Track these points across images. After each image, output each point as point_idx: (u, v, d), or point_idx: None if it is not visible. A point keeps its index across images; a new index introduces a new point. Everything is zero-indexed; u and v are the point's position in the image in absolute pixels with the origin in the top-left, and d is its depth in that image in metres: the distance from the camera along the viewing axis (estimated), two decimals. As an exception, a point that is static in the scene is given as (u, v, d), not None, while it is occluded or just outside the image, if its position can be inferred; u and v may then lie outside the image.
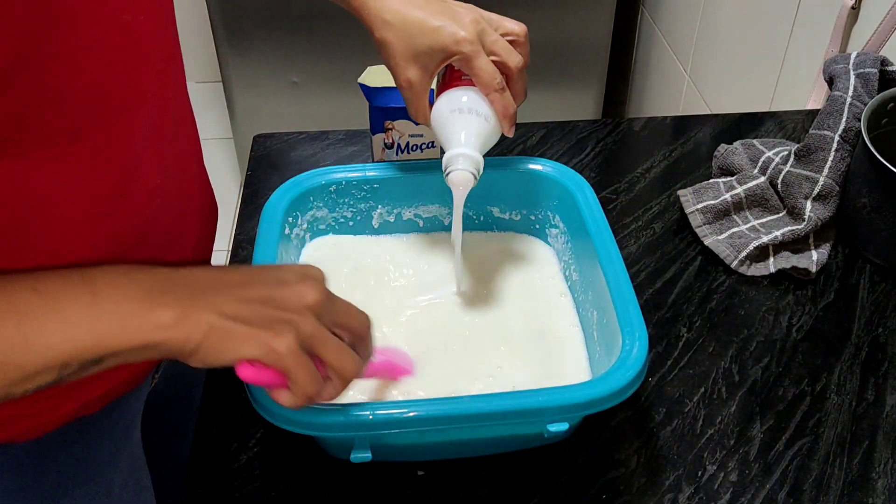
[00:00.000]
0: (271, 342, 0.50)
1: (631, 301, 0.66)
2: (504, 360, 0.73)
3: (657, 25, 1.93)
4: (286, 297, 0.52)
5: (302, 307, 0.52)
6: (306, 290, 0.52)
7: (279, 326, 0.50)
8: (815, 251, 0.86)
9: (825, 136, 0.87)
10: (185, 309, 0.49)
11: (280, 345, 0.50)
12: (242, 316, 0.50)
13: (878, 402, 0.74)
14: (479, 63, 0.68)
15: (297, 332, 0.50)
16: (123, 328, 0.47)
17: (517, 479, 0.68)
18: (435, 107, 0.72)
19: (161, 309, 0.48)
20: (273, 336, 0.50)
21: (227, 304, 0.50)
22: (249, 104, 1.96)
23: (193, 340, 0.49)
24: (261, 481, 0.67)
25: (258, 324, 0.50)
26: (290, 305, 0.51)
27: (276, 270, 0.55)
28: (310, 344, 0.51)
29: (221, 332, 0.49)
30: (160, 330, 0.48)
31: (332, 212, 0.81)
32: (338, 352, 0.53)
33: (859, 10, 1.10)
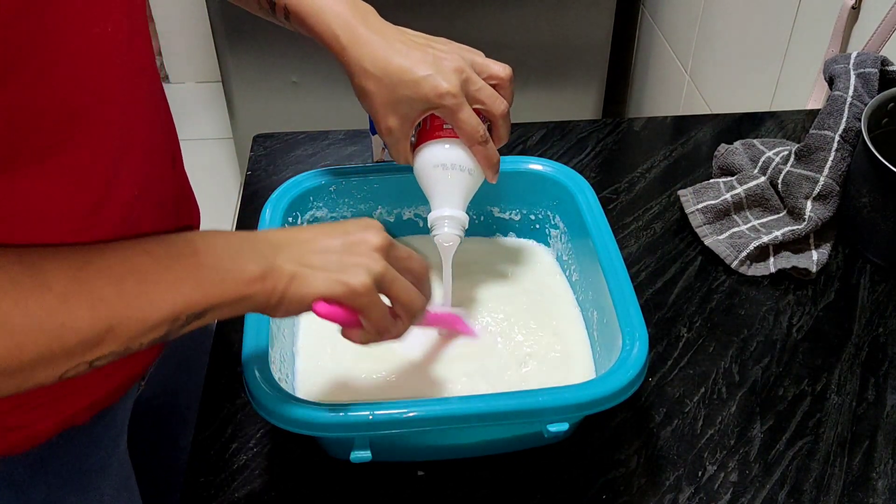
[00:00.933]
0: (349, 281, 0.54)
1: (631, 301, 0.66)
2: (504, 360, 0.72)
3: (657, 25, 1.93)
4: (355, 244, 0.56)
5: (370, 250, 0.56)
6: (371, 236, 0.57)
7: (353, 269, 0.55)
8: (815, 251, 0.86)
9: (825, 136, 0.87)
10: (269, 263, 0.54)
11: (356, 283, 0.54)
12: (319, 263, 0.55)
13: (879, 402, 0.74)
14: (462, 116, 0.66)
15: (370, 272, 0.55)
16: (222, 283, 0.52)
17: (517, 479, 0.68)
18: (418, 158, 0.71)
19: (250, 264, 0.53)
20: (350, 276, 0.54)
21: (304, 256, 0.55)
22: (249, 104, 1.96)
23: (278, 291, 0.53)
24: (261, 481, 0.67)
25: (334, 268, 0.55)
26: (360, 250, 0.56)
27: (339, 224, 0.59)
28: (381, 282, 0.56)
29: (302, 280, 0.54)
30: (251, 283, 0.52)
31: (332, 212, 0.81)
32: (406, 289, 0.58)
33: (859, 10, 1.10)
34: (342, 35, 0.67)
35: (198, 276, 0.51)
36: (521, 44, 1.84)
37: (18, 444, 0.63)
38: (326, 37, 0.67)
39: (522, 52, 1.84)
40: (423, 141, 0.70)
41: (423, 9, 1.74)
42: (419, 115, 0.68)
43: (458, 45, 0.69)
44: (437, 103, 0.66)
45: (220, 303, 0.52)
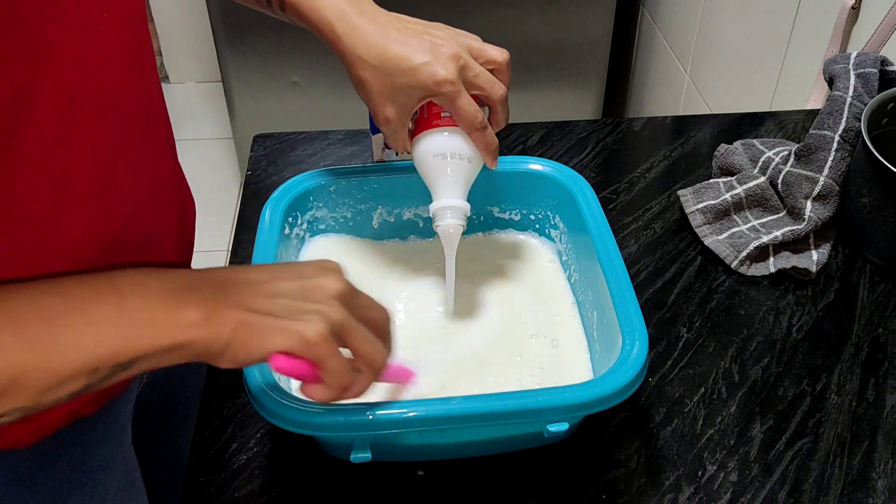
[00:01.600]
0: (303, 331, 0.49)
1: (631, 301, 0.66)
2: (504, 360, 0.73)
3: (657, 25, 1.93)
4: (311, 289, 0.52)
5: (328, 297, 0.52)
6: (330, 281, 0.52)
7: (308, 316, 0.50)
8: (815, 251, 0.86)
9: (825, 136, 0.87)
10: (211, 307, 0.49)
11: (311, 333, 0.49)
12: (270, 310, 0.50)
13: (879, 402, 0.74)
14: (461, 103, 0.65)
15: (326, 320, 0.50)
16: (152, 329, 0.47)
17: (517, 479, 0.68)
18: (417, 148, 0.70)
19: (187, 308, 0.48)
20: (304, 325, 0.50)
21: (253, 300, 0.50)
22: (249, 104, 1.96)
23: (222, 338, 0.48)
24: (261, 481, 0.67)
25: (286, 315, 0.50)
26: (317, 296, 0.51)
27: (295, 266, 0.55)
28: (339, 331, 0.51)
29: (250, 327, 0.49)
30: (188, 329, 0.47)
31: (332, 212, 0.81)
32: (367, 340, 0.53)
33: (859, 10, 1.10)
34: (337, 25, 0.66)
35: (120, 321, 0.46)
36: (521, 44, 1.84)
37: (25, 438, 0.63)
38: (322, 27, 0.67)
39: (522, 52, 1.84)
40: (421, 129, 0.70)
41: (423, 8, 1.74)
42: (417, 103, 0.67)
43: (455, 30, 0.69)
44: (435, 91, 0.65)
45: (150, 351, 0.47)
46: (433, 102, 0.68)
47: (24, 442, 0.63)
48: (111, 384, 0.47)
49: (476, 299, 0.78)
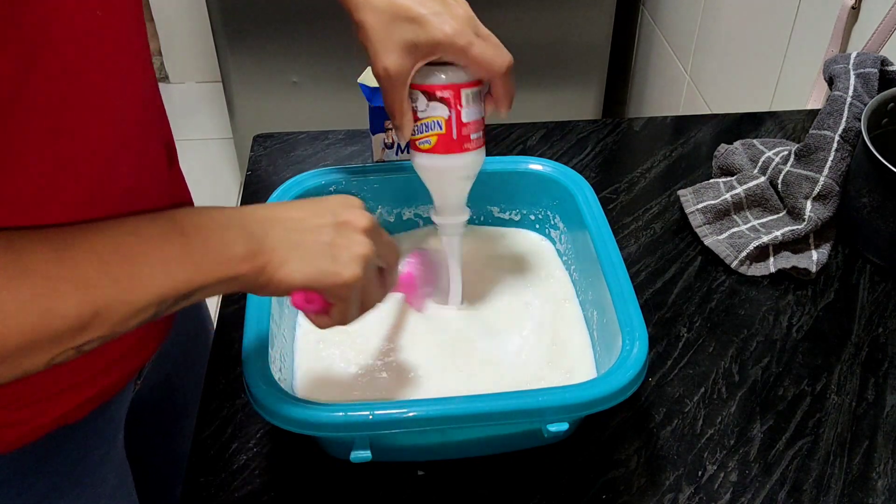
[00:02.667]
0: (341, 272, 0.54)
1: (631, 301, 0.66)
2: (504, 359, 0.72)
3: (657, 25, 1.93)
4: (344, 224, 0.56)
5: (358, 233, 0.56)
6: (357, 217, 0.57)
7: (346, 258, 0.55)
8: (815, 251, 0.86)
9: (825, 136, 0.87)
10: (258, 242, 0.53)
11: (349, 276, 0.55)
12: (311, 246, 0.54)
13: (878, 402, 0.74)
14: (475, 52, 0.62)
15: (361, 260, 0.55)
16: (209, 263, 0.51)
17: (517, 479, 0.68)
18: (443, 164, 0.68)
19: (238, 244, 0.52)
20: (342, 267, 0.54)
21: (295, 236, 0.54)
22: (249, 104, 1.96)
23: (267, 272, 0.53)
24: (261, 481, 0.67)
25: (326, 254, 0.54)
26: (349, 233, 0.56)
27: (324, 202, 0.58)
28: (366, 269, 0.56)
29: (293, 263, 0.53)
30: (239, 263, 0.52)
31: (332, 212, 0.80)
32: (374, 286, 0.59)
33: (859, 10, 1.10)
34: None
35: (184, 257, 0.50)
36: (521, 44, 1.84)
37: (11, 442, 0.62)
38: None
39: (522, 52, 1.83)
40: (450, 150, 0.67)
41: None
42: (423, 58, 0.63)
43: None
44: (446, 42, 0.61)
45: (207, 283, 0.51)
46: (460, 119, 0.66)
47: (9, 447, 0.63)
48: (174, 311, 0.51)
49: (476, 299, 0.78)
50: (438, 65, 0.64)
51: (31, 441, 0.64)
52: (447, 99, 0.65)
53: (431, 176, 0.71)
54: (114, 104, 0.57)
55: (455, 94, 0.65)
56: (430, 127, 0.67)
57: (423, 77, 0.65)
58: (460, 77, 0.65)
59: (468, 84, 0.65)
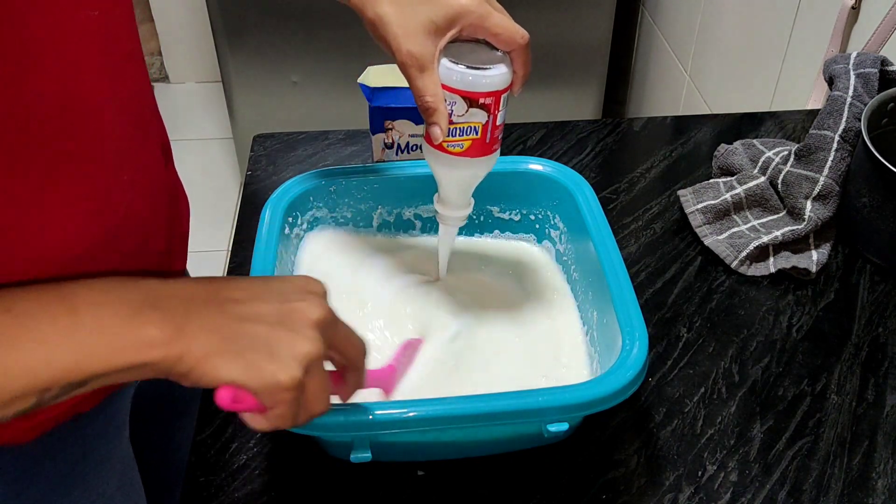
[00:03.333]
0: (276, 375, 0.46)
1: (631, 301, 0.66)
2: (504, 360, 0.72)
3: (657, 25, 1.93)
4: (291, 313, 0.48)
5: (307, 326, 0.48)
6: (311, 307, 0.49)
7: (285, 356, 0.47)
8: (815, 251, 0.86)
9: (825, 136, 0.87)
10: (177, 325, 0.45)
11: (285, 379, 0.46)
12: (241, 336, 0.47)
13: (878, 402, 0.74)
14: (495, 21, 0.60)
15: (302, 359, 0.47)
16: (108, 348, 0.44)
17: (517, 479, 0.68)
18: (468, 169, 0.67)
19: (151, 326, 0.45)
20: (279, 368, 0.46)
21: (224, 322, 0.47)
22: (249, 104, 1.96)
23: (187, 360, 0.45)
24: (261, 481, 0.67)
25: (260, 348, 0.46)
26: (295, 323, 0.48)
27: (277, 284, 0.51)
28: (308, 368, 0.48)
29: (219, 358, 0.45)
30: (150, 349, 0.45)
31: (332, 212, 0.81)
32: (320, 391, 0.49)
33: (859, 10, 1.10)
34: None
35: (73, 340, 0.44)
36: (521, 44, 1.84)
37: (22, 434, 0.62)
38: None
39: (522, 52, 1.84)
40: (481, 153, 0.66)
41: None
42: (443, 34, 0.60)
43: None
44: (462, 13, 0.59)
45: (104, 371, 0.44)
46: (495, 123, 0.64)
47: (22, 439, 0.63)
48: (70, 397, 0.45)
49: (475, 299, 0.78)
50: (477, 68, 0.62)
51: (47, 430, 0.64)
52: (488, 105, 0.63)
53: (450, 175, 0.68)
54: (108, 106, 0.56)
55: (496, 99, 0.63)
56: (465, 132, 0.63)
57: (466, 82, 0.62)
58: (503, 81, 0.63)
59: (507, 88, 0.63)
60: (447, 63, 0.62)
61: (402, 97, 0.85)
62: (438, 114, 0.61)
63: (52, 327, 0.44)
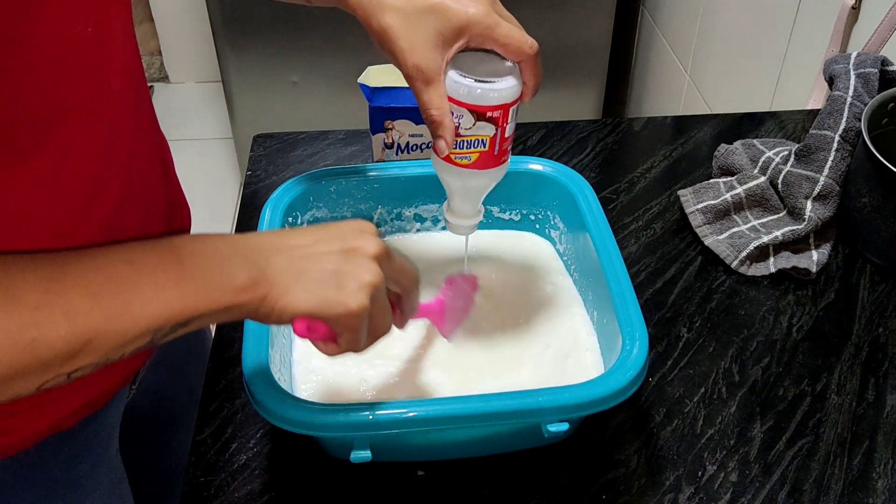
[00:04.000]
0: (347, 302, 0.52)
1: (631, 301, 0.66)
2: (504, 360, 0.72)
3: (657, 25, 1.93)
4: (352, 251, 0.54)
5: (367, 259, 0.54)
6: (368, 243, 0.54)
7: (352, 287, 0.52)
8: (815, 251, 0.86)
9: (825, 136, 0.87)
10: (260, 271, 0.51)
11: (355, 305, 0.52)
12: (314, 274, 0.52)
13: (879, 402, 0.74)
14: (503, 31, 0.59)
15: (368, 288, 0.53)
16: (209, 293, 0.50)
17: (517, 479, 0.68)
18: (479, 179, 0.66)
19: (239, 273, 0.51)
20: (347, 297, 0.52)
21: (298, 263, 0.53)
22: (249, 104, 1.96)
23: (270, 301, 0.51)
24: (261, 481, 0.67)
25: (330, 282, 0.52)
26: (357, 259, 0.53)
27: (334, 227, 0.56)
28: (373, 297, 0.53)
29: (296, 292, 0.52)
30: (239, 293, 0.50)
31: (332, 212, 0.81)
32: (383, 316, 0.56)
33: (859, 10, 1.10)
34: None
35: (182, 286, 0.49)
36: (521, 44, 1.84)
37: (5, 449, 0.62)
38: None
39: (522, 52, 1.84)
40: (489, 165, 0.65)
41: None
42: (450, 45, 0.60)
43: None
44: (470, 24, 0.59)
45: (206, 312, 0.50)
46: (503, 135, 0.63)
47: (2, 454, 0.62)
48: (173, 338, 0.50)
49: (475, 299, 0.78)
50: (485, 81, 0.61)
51: (25, 448, 0.63)
52: (496, 118, 0.62)
53: (458, 185, 0.67)
54: (105, 116, 0.56)
55: (504, 112, 0.62)
56: (472, 144, 0.63)
57: (473, 96, 0.61)
58: (511, 94, 0.62)
59: (515, 101, 0.62)
60: (455, 76, 0.61)
61: (402, 97, 0.85)
62: (444, 128, 0.61)
63: (165, 275, 0.49)
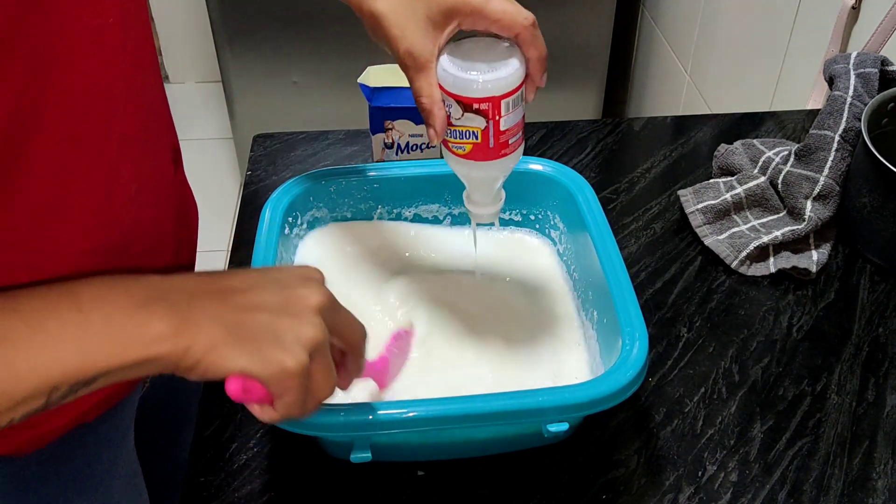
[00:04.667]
0: (284, 361, 0.46)
1: (631, 301, 0.66)
2: (504, 359, 0.72)
3: (657, 25, 1.93)
4: (292, 301, 0.49)
5: (310, 311, 0.49)
6: (312, 293, 0.49)
7: (290, 342, 0.47)
8: (815, 251, 0.86)
9: (825, 136, 0.87)
10: (182, 318, 0.45)
11: (293, 364, 0.46)
12: (246, 325, 0.47)
13: (879, 402, 0.74)
14: (494, 6, 0.57)
15: (308, 344, 0.47)
16: (115, 344, 0.44)
17: (517, 479, 0.68)
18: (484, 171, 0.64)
19: (156, 320, 0.45)
20: (285, 354, 0.46)
21: (230, 312, 0.47)
22: (249, 104, 1.96)
23: (194, 353, 0.45)
24: (261, 481, 0.67)
25: (266, 337, 0.47)
26: (298, 309, 0.48)
27: (276, 273, 0.52)
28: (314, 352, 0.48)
29: (226, 348, 0.46)
30: (156, 343, 0.45)
31: (332, 212, 0.81)
32: (326, 376, 0.49)
33: (859, 10, 1.10)
34: None
35: (80, 338, 0.43)
36: (521, 44, 1.84)
37: (28, 444, 0.63)
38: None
39: (522, 52, 1.84)
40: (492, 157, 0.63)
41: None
42: (442, 29, 0.58)
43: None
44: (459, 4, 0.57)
45: (112, 368, 0.44)
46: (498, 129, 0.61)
47: (28, 448, 0.63)
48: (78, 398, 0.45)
49: (476, 299, 0.78)
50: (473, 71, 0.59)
51: (50, 441, 0.64)
52: (485, 111, 0.60)
53: (463, 174, 0.66)
54: (123, 112, 0.56)
55: (494, 105, 0.59)
56: (464, 135, 0.61)
57: (458, 86, 0.59)
58: (500, 87, 0.59)
59: (509, 93, 0.60)
60: (444, 63, 0.59)
61: (402, 97, 0.85)
62: (433, 116, 0.60)
63: (59, 326, 0.44)
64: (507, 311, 0.77)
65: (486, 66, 0.59)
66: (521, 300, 0.78)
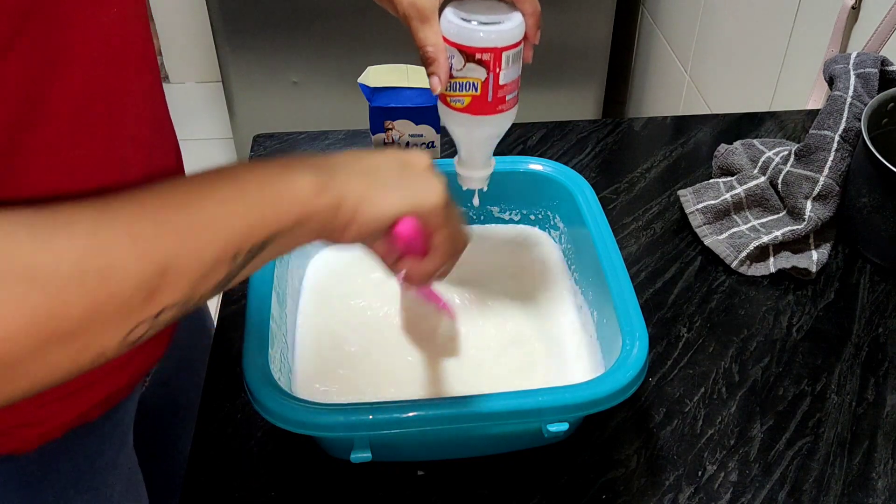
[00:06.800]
0: (428, 195, 0.51)
1: (631, 301, 0.66)
2: (504, 359, 0.72)
3: (657, 25, 1.93)
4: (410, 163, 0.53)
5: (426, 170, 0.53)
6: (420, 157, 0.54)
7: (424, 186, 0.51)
8: (815, 251, 0.86)
9: (825, 136, 0.87)
10: (328, 175, 0.48)
11: (436, 197, 0.51)
12: (383, 177, 0.50)
13: (879, 402, 0.74)
14: None
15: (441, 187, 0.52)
16: (274, 204, 0.46)
17: (517, 479, 0.68)
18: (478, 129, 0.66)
19: (305, 179, 0.47)
20: (426, 192, 0.51)
21: (362, 169, 0.50)
22: (249, 104, 1.96)
23: (347, 206, 0.48)
24: (261, 481, 0.67)
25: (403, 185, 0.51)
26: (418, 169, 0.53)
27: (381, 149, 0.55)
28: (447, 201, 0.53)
29: (374, 192, 0.49)
30: (310, 199, 0.47)
31: (332, 212, 0.80)
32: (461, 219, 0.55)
33: (859, 10, 1.10)
34: None
35: (247, 198, 0.44)
36: (521, 44, 1.84)
37: (29, 442, 0.63)
38: None
39: (522, 52, 1.84)
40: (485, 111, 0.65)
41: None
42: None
43: None
44: None
45: (281, 227, 0.45)
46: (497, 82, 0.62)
47: (29, 446, 0.63)
48: (247, 275, 0.46)
49: (476, 299, 0.78)
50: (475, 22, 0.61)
51: (51, 440, 0.64)
52: (486, 62, 0.61)
53: (460, 132, 0.68)
54: (127, 105, 0.56)
55: (496, 56, 0.61)
56: (464, 87, 0.63)
57: (462, 36, 0.61)
58: (503, 38, 0.61)
59: (510, 46, 0.62)
60: (448, 14, 0.61)
61: (402, 97, 0.85)
62: (437, 64, 0.61)
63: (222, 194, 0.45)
64: (506, 311, 0.77)
65: (490, 18, 0.61)
66: (520, 300, 0.78)
